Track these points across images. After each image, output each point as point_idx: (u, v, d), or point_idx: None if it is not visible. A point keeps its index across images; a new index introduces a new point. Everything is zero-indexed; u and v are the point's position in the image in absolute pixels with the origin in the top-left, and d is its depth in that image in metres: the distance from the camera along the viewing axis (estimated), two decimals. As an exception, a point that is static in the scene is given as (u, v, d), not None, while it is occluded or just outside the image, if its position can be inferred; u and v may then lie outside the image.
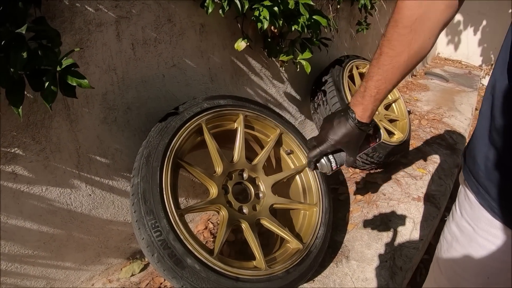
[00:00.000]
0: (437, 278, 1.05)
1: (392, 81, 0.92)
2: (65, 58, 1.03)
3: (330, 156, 1.10)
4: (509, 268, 0.85)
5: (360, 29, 2.84)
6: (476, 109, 4.39)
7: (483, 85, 5.72)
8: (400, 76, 0.91)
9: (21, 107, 0.98)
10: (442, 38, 6.28)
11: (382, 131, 1.19)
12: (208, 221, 2.01)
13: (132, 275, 1.69)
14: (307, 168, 1.15)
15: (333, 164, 1.11)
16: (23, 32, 0.93)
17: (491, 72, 0.82)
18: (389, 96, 2.78)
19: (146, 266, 1.74)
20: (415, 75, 5.02)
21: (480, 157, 0.83)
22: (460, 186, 0.97)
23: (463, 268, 0.94)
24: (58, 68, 1.01)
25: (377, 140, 1.18)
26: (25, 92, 1.12)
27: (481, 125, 0.83)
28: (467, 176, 0.90)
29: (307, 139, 1.21)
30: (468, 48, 6.06)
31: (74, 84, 1.03)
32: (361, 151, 1.15)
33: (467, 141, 3.44)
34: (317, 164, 1.14)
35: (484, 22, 5.73)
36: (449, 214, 1.02)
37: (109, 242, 1.63)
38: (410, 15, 0.83)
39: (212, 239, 1.90)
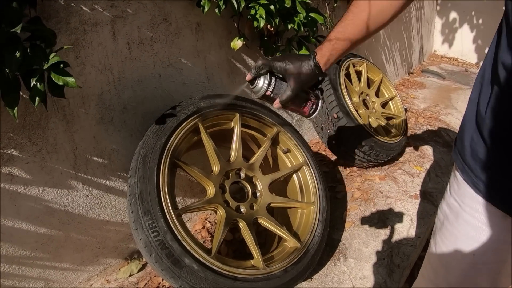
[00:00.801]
0: (430, 257, 1.07)
1: (350, 34, 1.00)
2: (52, 55, 1.02)
3: (273, 79, 1.08)
4: (495, 245, 0.88)
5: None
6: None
7: (479, 82, 5.72)
8: (358, 33, 1.00)
9: (16, 108, 0.98)
10: (438, 36, 6.28)
11: (320, 106, 1.20)
12: (206, 221, 2.01)
13: (130, 275, 1.68)
14: (247, 76, 1.12)
15: (270, 88, 1.08)
16: (18, 32, 0.93)
17: (482, 62, 0.86)
18: (385, 94, 2.79)
19: (144, 266, 1.73)
20: (411, 73, 5.02)
21: (467, 138, 0.87)
22: (452, 168, 1.00)
23: (452, 245, 0.96)
24: (45, 66, 1.00)
25: (311, 111, 1.18)
26: (21, 93, 1.12)
27: (469, 110, 0.87)
28: (455, 156, 0.94)
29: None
30: (464, 46, 6.06)
31: (61, 83, 1.02)
32: (296, 104, 1.15)
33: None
34: (256, 80, 1.11)
35: (480, 20, 5.73)
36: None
37: (107, 243, 1.62)
38: None
39: (210, 239, 1.90)
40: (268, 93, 1.09)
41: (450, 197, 0.96)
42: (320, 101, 1.18)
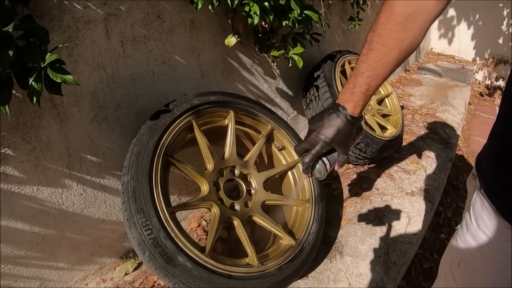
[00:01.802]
0: (451, 286, 1.01)
1: (382, 76, 0.90)
2: (49, 54, 1.01)
3: (324, 158, 1.04)
4: None
5: (352, 25, 2.84)
6: (469, 103, 4.41)
7: (476, 79, 5.74)
8: (390, 72, 0.90)
9: (7, 105, 0.97)
10: (435, 33, 6.29)
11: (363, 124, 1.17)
12: (201, 219, 2.01)
13: (126, 274, 1.68)
14: (303, 175, 1.07)
15: (328, 166, 1.05)
16: (10, 30, 0.92)
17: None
18: (381, 91, 2.79)
19: (139, 265, 1.73)
20: (408, 70, 5.02)
21: (504, 162, 0.80)
22: (475, 194, 0.92)
23: (480, 281, 0.90)
24: (42, 65, 0.99)
25: (360, 135, 1.13)
26: (14, 92, 1.12)
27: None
28: (483, 184, 0.87)
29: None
30: (461, 43, 6.07)
31: (59, 80, 1.01)
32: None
33: (461, 134, 3.45)
34: (313, 171, 1.08)
35: (477, 17, 5.74)
36: (461, 223, 0.98)
37: (102, 242, 1.62)
38: (403, 11, 0.81)
39: (205, 237, 1.89)
40: (329, 170, 1.06)
41: (478, 230, 0.87)
42: (363, 133, 1.13)
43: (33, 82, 0.99)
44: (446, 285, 1.05)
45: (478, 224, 0.88)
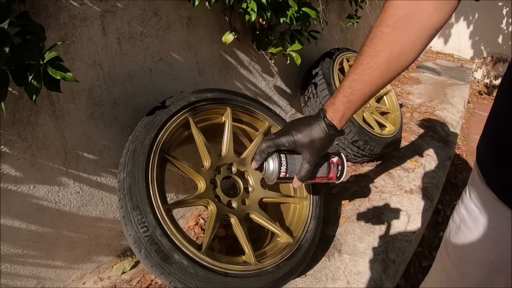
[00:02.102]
0: (444, 262, 1.03)
1: (368, 82, 0.86)
2: (48, 51, 1.01)
3: (283, 156, 0.98)
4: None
5: (350, 23, 2.83)
6: (468, 101, 4.40)
7: (475, 78, 5.74)
8: (377, 79, 0.86)
9: (3, 102, 0.96)
10: (434, 31, 6.28)
11: (346, 162, 1.07)
12: (199, 217, 2.00)
13: (123, 272, 1.67)
14: (252, 164, 1.03)
15: (283, 169, 0.97)
16: (6, 27, 0.92)
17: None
18: (380, 89, 2.77)
19: (137, 263, 1.72)
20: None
21: (490, 144, 0.82)
22: (473, 168, 0.93)
23: (468, 252, 0.91)
24: (42, 62, 0.99)
25: (338, 174, 1.05)
26: (10, 89, 1.12)
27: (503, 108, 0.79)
28: (478, 157, 0.89)
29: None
30: (460, 42, 6.07)
31: (58, 77, 1.01)
32: (318, 175, 1.04)
33: (460, 132, 3.45)
34: (264, 163, 1.02)
35: (476, 16, 5.73)
36: (459, 199, 1.00)
37: (99, 240, 1.61)
38: (394, 13, 0.79)
39: (203, 235, 1.88)
40: (282, 175, 0.99)
41: (470, 202, 0.90)
42: (343, 157, 1.06)
43: (32, 79, 0.98)
44: (440, 263, 1.06)
45: (470, 195, 0.90)
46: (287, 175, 0.99)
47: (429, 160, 2.58)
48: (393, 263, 1.70)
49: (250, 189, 1.55)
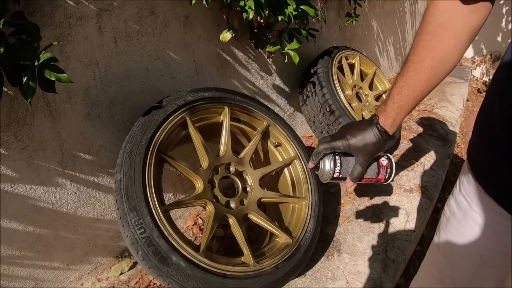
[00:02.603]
0: (434, 254, 1.06)
1: (415, 88, 0.90)
2: (43, 52, 1.00)
3: (337, 158, 1.02)
4: (503, 249, 0.86)
5: (349, 21, 2.82)
6: (467, 100, 4.39)
7: (474, 76, 5.73)
8: (424, 85, 0.89)
9: (-2, 102, 0.96)
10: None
11: (395, 167, 1.13)
12: (197, 217, 1.99)
13: (121, 273, 1.67)
14: (309, 164, 1.09)
15: (337, 169, 1.02)
16: (0, 26, 0.92)
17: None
18: (379, 87, 2.78)
19: (135, 264, 1.71)
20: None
21: (482, 140, 0.84)
22: (464, 163, 0.96)
23: (458, 244, 0.94)
24: (36, 63, 0.98)
25: (387, 176, 1.10)
26: (6, 89, 1.11)
27: (492, 101, 0.82)
28: (468, 155, 0.91)
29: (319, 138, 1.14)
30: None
31: (53, 78, 1.00)
32: (367, 176, 1.07)
33: (459, 130, 3.44)
34: (320, 163, 1.06)
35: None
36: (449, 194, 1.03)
37: (97, 241, 1.60)
38: (433, 21, 0.82)
39: (202, 235, 1.87)
40: (336, 175, 1.04)
41: (459, 194, 0.94)
42: (392, 159, 1.11)
43: (27, 80, 0.97)
44: (430, 255, 1.10)
45: (460, 188, 0.94)
46: (340, 176, 1.04)
47: (429, 158, 2.58)
48: (393, 262, 1.69)
49: (248, 189, 1.54)
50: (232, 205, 1.44)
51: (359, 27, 3.26)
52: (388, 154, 1.11)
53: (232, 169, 1.54)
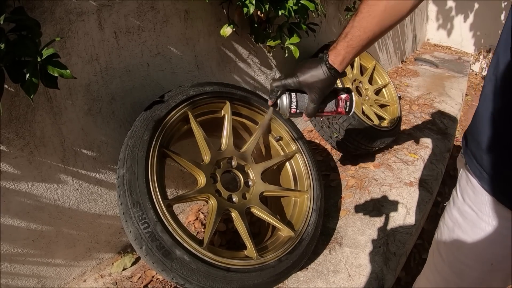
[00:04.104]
0: (438, 264, 1.04)
1: (366, 29, 0.94)
2: (45, 48, 0.99)
3: (293, 95, 1.08)
4: None
5: (349, 15, 2.81)
6: (466, 94, 4.40)
7: (472, 70, 5.74)
8: (375, 27, 0.93)
9: (-1, 100, 0.95)
10: (432, 24, 6.27)
11: (355, 98, 1.17)
12: (199, 212, 1.99)
13: (124, 269, 1.67)
14: (269, 102, 1.15)
15: (293, 105, 1.08)
16: (1, 22, 0.91)
17: (493, 52, 0.82)
18: (379, 81, 2.77)
19: (137, 260, 1.71)
20: (405, 61, 5.01)
21: (483, 140, 0.81)
22: (461, 170, 0.95)
23: (466, 255, 0.92)
24: (39, 59, 0.98)
25: (347, 109, 1.16)
26: (7, 86, 1.11)
27: (483, 107, 0.81)
28: (468, 159, 0.89)
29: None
30: (458, 34, 6.06)
31: (56, 74, 1.00)
32: (326, 110, 1.14)
33: (458, 124, 3.45)
34: (278, 100, 1.11)
35: (475, 8, 5.72)
36: (449, 199, 1.01)
37: (99, 237, 1.60)
38: None
39: (203, 230, 1.87)
40: (293, 110, 1.09)
41: (463, 204, 0.91)
42: (352, 93, 1.15)
43: (30, 76, 0.97)
44: (434, 265, 1.07)
45: (464, 198, 0.91)
46: (298, 111, 1.10)
47: (428, 152, 2.58)
48: (394, 255, 1.70)
49: (250, 183, 1.54)
50: (235, 199, 1.44)
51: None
52: (348, 87, 1.16)
53: (234, 163, 1.54)
